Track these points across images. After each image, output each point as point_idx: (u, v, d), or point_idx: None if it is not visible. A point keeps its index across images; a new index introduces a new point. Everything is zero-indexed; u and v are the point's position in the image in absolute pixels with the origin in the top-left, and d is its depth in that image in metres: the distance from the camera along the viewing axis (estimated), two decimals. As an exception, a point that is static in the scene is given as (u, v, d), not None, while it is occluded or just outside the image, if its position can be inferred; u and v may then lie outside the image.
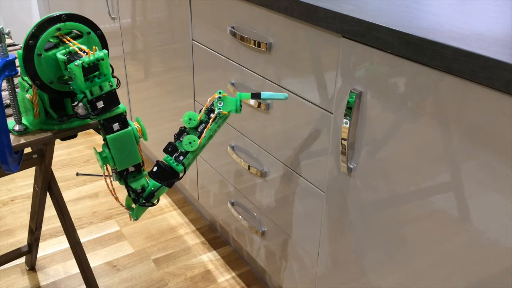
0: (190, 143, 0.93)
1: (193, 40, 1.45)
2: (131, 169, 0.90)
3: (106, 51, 0.85)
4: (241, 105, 0.95)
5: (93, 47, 0.85)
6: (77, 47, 0.86)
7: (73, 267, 1.58)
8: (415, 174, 0.84)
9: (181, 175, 0.94)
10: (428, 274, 0.86)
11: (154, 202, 0.93)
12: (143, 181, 0.92)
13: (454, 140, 0.75)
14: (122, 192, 1.94)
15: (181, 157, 0.93)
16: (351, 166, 0.97)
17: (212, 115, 0.94)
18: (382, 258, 0.95)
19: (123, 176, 0.90)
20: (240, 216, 1.41)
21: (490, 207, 0.73)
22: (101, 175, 0.99)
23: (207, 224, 1.81)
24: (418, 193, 0.84)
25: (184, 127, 0.95)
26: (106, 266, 1.60)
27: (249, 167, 1.30)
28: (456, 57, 0.70)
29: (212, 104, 0.94)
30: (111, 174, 0.93)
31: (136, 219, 0.95)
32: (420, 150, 0.82)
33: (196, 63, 1.47)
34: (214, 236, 1.75)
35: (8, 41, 1.30)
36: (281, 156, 1.19)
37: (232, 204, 1.46)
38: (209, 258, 1.65)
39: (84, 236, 1.73)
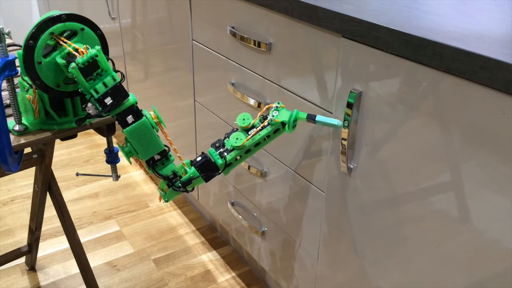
0: (236, 139, 0.94)
1: (193, 40, 1.45)
2: (157, 157, 0.91)
3: (99, 47, 0.84)
4: (295, 123, 0.95)
5: (84, 46, 0.84)
6: (72, 48, 0.85)
7: (73, 267, 1.58)
8: (415, 174, 0.84)
9: (220, 170, 0.95)
10: (428, 274, 0.86)
11: (189, 189, 0.94)
12: (173, 166, 0.93)
13: (454, 140, 0.75)
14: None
15: (225, 153, 0.95)
16: (351, 166, 0.97)
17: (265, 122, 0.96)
18: (382, 258, 0.95)
19: (151, 166, 0.91)
20: (240, 216, 1.41)
21: (490, 207, 0.73)
22: (101, 175, 0.99)
23: (207, 224, 1.81)
24: (418, 193, 0.84)
25: (237, 128, 0.97)
26: (106, 266, 1.60)
27: (249, 167, 1.30)
28: (456, 57, 0.70)
29: (268, 113, 0.96)
30: (111, 174, 0.92)
31: (167, 201, 0.96)
32: (420, 150, 0.82)
33: (196, 63, 1.47)
34: (214, 236, 1.75)
35: (8, 41, 1.30)
36: (281, 156, 1.19)
37: (232, 204, 1.46)
38: (209, 258, 1.65)
39: (84, 236, 1.73)
